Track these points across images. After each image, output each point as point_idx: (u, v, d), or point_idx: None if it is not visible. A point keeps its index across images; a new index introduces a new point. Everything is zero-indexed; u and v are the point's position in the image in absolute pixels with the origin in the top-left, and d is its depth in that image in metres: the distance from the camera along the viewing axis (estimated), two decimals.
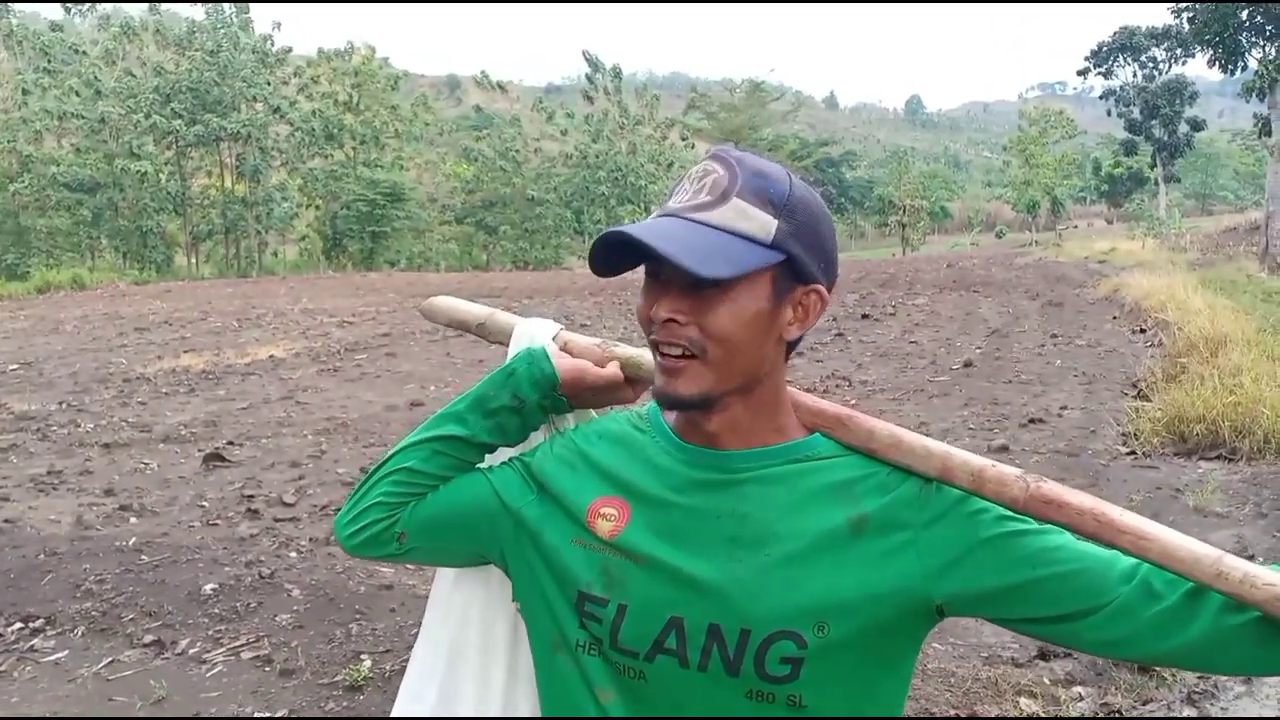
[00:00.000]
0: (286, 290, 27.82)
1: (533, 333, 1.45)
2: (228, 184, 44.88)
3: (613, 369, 1.33)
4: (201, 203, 44.59)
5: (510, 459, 1.33)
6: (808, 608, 1.11)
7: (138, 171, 39.02)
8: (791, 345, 1.19)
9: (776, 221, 1.10)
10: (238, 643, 4.42)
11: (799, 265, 1.13)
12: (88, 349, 15.32)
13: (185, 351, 14.66)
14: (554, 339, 1.42)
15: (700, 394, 1.13)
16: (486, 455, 1.35)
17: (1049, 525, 1.11)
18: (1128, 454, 7.46)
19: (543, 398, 1.32)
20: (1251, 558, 5.12)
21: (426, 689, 1.34)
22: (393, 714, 1.37)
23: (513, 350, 1.44)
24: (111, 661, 4.27)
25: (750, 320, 1.11)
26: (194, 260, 44.33)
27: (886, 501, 1.15)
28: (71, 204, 39.12)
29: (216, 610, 4.75)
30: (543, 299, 22.54)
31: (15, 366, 13.45)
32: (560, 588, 1.20)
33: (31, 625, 4.62)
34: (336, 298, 24.52)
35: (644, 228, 1.09)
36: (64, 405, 10.53)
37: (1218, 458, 7.24)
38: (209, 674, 4.15)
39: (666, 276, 1.11)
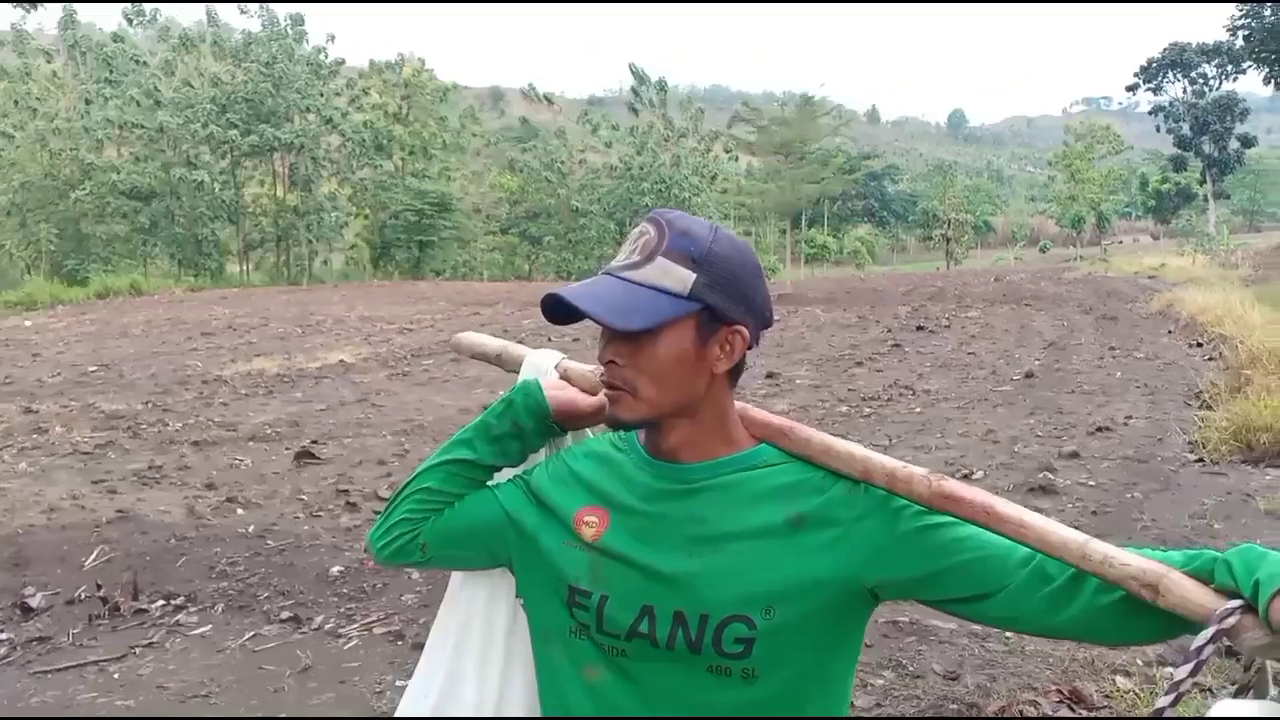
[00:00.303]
0: (340, 298, 28.32)
1: (538, 362, 1.66)
2: (279, 193, 45.65)
3: (600, 397, 1.46)
4: (254, 211, 45.38)
5: (514, 477, 1.54)
6: (755, 595, 1.28)
7: (194, 180, 39.80)
8: (734, 373, 1.36)
9: (694, 275, 1.27)
10: (369, 619, 4.72)
11: (719, 311, 1.29)
12: (160, 352, 15.80)
13: (256, 356, 15.09)
14: (556, 367, 1.63)
15: (637, 419, 1.32)
16: (496, 474, 1.56)
17: (960, 519, 1.27)
18: (1196, 461, 7.62)
19: (538, 425, 1.52)
20: None
21: (437, 665, 1.57)
22: (410, 684, 1.61)
23: (522, 378, 1.67)
24: (254, 635, 4.59)
25: (677, 360, 1.28)
26: (245, 268, 45.09)
27: (821, 501, 1.32)
28: (129, 211, 39.92)
29: (345, 590, 5.06)
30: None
31: (94, 368, 13.93)
32: (555, 583, 1.40)
33: (174, 602, 4.95)
34: (390, 305, 24.96)
35: (578, 289, 1.29)
36: (149, 405, 10.93)
37: None
38: (346, 647, 4.46)
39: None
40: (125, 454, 8.61)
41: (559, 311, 1.31)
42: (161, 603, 4.95)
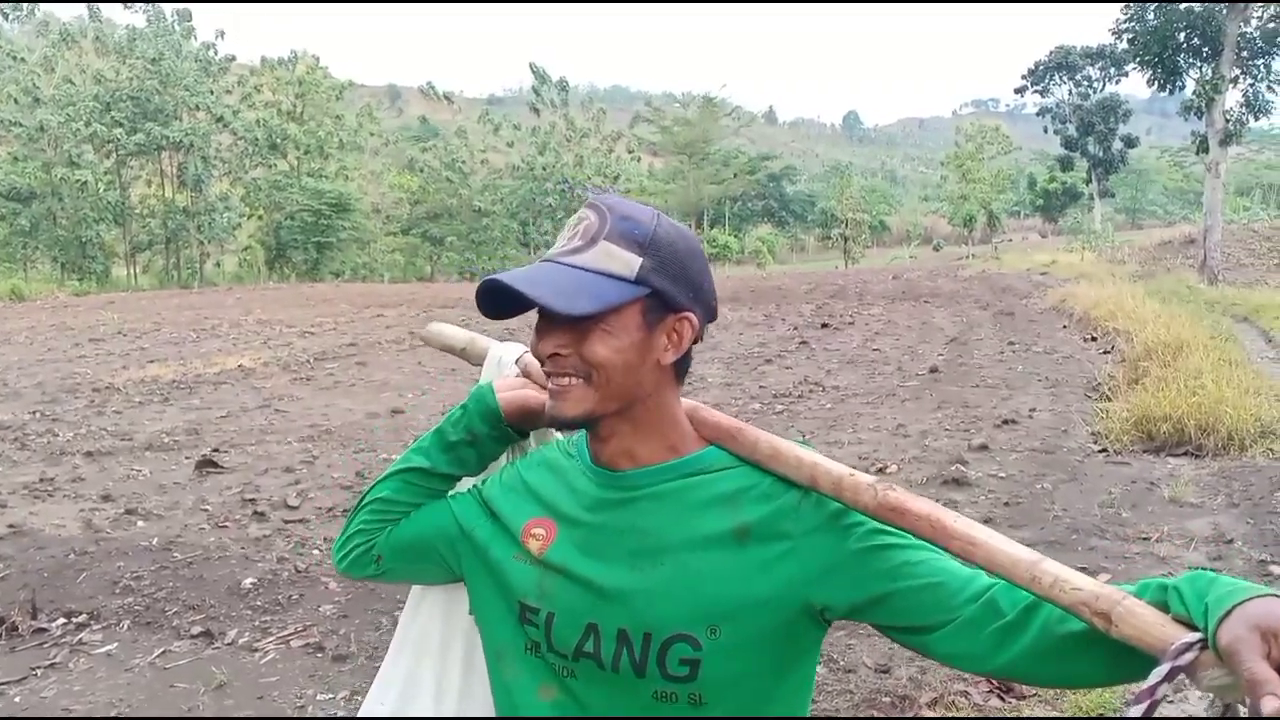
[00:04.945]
0: (234, 301, 27.58)
1: (499, 355, 1.62)
2: (169, 194, 44.28)
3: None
4: (141, 213, 43.94)
5: (471, 487, 1.47)
6: (699, 612, 1.20)
7: (77, 181, 38.40)
8: (679, 369, 1.29)
9: (640, 259, 1.21)
10: (286, 632, 4.55)
11: (666, 297, 1.22)
12: (46, 360, 15.14)
13: (149, 362, 14.57)
14: (517, 362, 1.57)
15: (583, 414, 1.23)
16: (456, 483, 1.50)
17: (919, 540, 1.18)
18: (1099, 451, 7.84)
19: (493, 430, 1.46)
20: (1230, 543, 5.50)
21: (394, 675, 1.54)
22: (369, 693, 1.56)
23: (484, 372, 1.63)
24: (164, 652, 4.38)
25: (625, 348, 1.21)
26: (132, 271, 43.62)
27: (769, 511, 1.23)
28: (8, 213, 38.36)
29: (259, 603, 4.87)
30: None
31: None
32: (505, 599, 1.33)
33: (75, 620, 4.71)
34: (288, 308, 24.37)
35: (519, 274, 1.20)
36: (37, 415, 10.45)
37: (1184, 454, 7.65)
38: (263, 661, 4.28)
39: (549, 315, 1.21)
40: (13, 466, 8.21)
41: (495, 304, 1.25)
42: (62, 621, 4.71)
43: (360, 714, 1.55)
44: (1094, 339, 14.24)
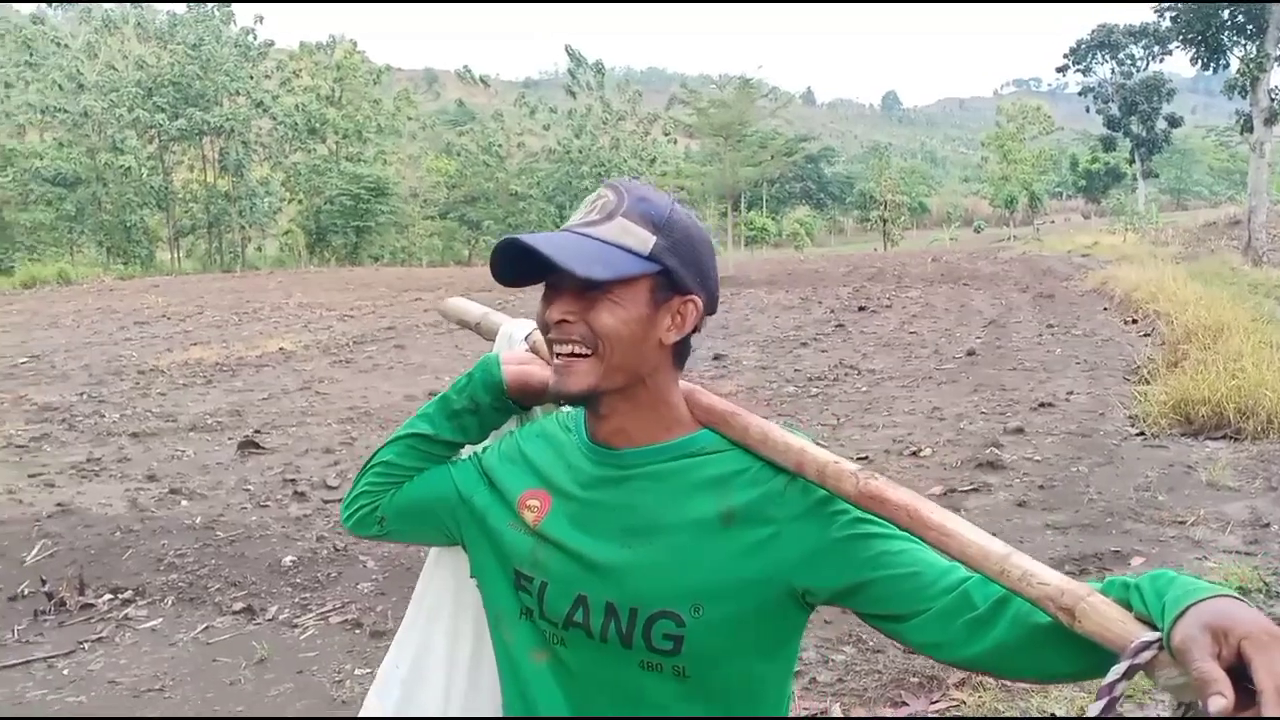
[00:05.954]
0: (276, 285, 27.89)
1: (510, 332, 1.66)
2: (210, 178, 44.80)
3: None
4: (184, 197, 44.50)
5: (472, 454, 1.51)
6: (683, 591, 1.24)
7: (120, 166, 38.91)
8: (679, 353, 1.32)
9: (655, 238, 1.24)
10: (325, 608, 4.65)
11: (675, 277, 1.26)
12: (92, 343, 15.42)
13: (192, 345, 14.80)
14: (526, 339, 1.61)
15: (587, 389, 1.26)
16: (459, 450, 1.54)
17: (900, 531, 1.20)
18: (1137, 434, 7.77)
19: (495, 401, 1.50)
20: (1267, 526, 5.46)
21: (410, 639, 1.59)
22: (385, 658, 1.61)
23: (495, 346, 1.66)
24: (206, 627, 4.50)
25: (631, 321, 1.24)
26: (176, 255, 44.21)
27: (756, 496, 1.27)
28: (53, 198, 38.98)
29: (298, 580, 4.98)
30: (533, 293, 22.80)
31: (25, 360, 13.54)
32: (501, 565, 1.38)
33: (121, 596, 4.83)
34: (328, 292, 24.62)
35: (536, 237, 1.22)
36: (84, 397, 10.66)
37: (1223, 437, 7.57)
38: (303, 637, 4.38)
39: (559, 284, 1.25)
40: (62, 446, 8.39)
41: (511, 270, 1.27)
42: (109, 597, 4.83)
43: (377, 678, 1.60)
44: (1134, 321, 14.08)
